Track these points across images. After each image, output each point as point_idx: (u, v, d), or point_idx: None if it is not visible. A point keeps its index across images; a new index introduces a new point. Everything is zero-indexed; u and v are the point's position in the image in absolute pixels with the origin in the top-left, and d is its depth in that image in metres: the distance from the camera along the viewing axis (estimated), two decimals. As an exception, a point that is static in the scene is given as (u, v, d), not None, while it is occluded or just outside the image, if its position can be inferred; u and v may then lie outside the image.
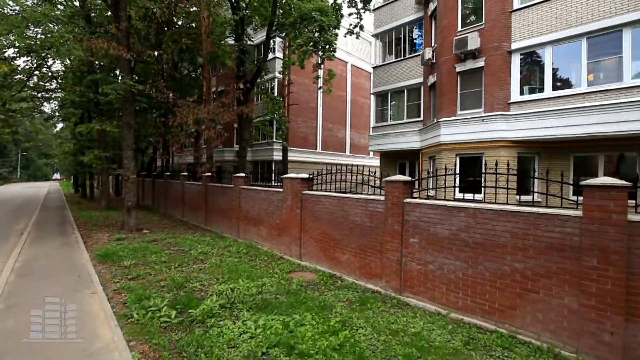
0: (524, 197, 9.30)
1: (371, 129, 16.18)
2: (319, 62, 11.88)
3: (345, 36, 12.74)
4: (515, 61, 10.47)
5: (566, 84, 9.70)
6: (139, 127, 16.12)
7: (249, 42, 16.18)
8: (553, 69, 9.89)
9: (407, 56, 15.03)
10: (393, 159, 15.70)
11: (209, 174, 12.56)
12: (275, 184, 10.05)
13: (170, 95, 13.74)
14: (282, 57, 18.82)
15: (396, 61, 15.41)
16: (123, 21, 10.24)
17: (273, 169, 20.92)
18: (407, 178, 5.53)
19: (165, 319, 4.38)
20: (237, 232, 10.14)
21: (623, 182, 3.58)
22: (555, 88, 9.76)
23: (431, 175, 7.65)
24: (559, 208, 4.27)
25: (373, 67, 16.44)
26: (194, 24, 14.73)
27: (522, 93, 10.31)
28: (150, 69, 16.30)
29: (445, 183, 6.38)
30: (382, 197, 5.80)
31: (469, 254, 4.69)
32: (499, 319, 4.43)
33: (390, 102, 15.47)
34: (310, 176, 7.90)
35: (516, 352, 3.82)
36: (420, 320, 4.52)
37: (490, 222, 4.49)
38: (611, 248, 3.56)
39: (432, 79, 12.77)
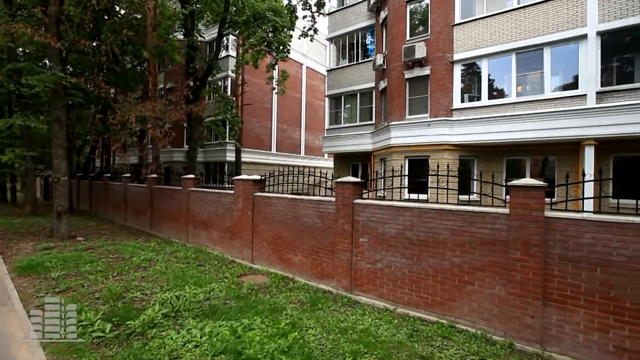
0: (465, 197, 10.11)
1: (325, 131, 16.42)
2: (273, 62, 11.76)
3: (299, 38, 12.80)
4: (457, 71, 11.32)
5: (499, 93, 10.71)
6: (73, 123, 14.61)
7: (200, 39, 15.51)
8: (489, 80, 10.87)
9: (360, 61, 15.51)
10: (346, 161, 16.08)
11: (155, 175, 11.79)
12: (228, 186, 9.75)
13: (111, 90, 12.66)
14: (235, 56, 18.35)
15: (349, 65, 15.82)
16: (52, 5, 9.21)
17: (226, 170, 20.26)
18: (356, 179, 5.68)
19: (99, 333, 4.00)
20: (186, 237, 9.64)
21: (541, 182, 4.03)
22: (490, 97, 10.73)
23: (379, 176, 7.96)
24: (491, 207, 4.69)
25: (327, 70, 16.71)
26: (138, 15, 13.75)
27: (462, 100, 11.18)
28: (86, 60, 14.87)
29: (392, 184, 6.68)
30: (333, 199, 5.90)
31: (414, 251, 4.95)
32: (440, 311, 4.73)
33: (344, 105, 15.84)
34: (263, 177, 7.78)
35: (454, 340, 4.11)
36: (369, 317, 4.66)
37: (432, 220, 4.79)
38: (531, 241, 3.99)
39: (383, 84, 13.32)
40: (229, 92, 20.45)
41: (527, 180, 4.09)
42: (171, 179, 11.47)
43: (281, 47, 11.52)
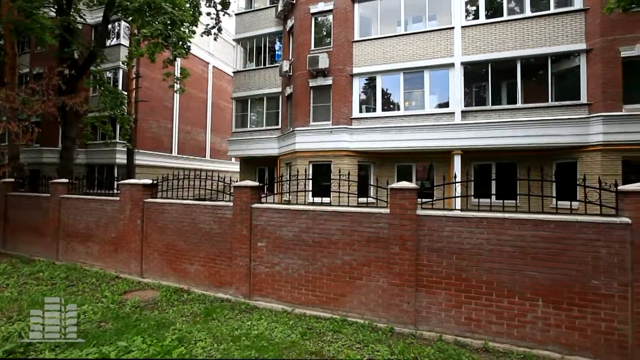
0: (365, 199, 11.02)
1: (231, 134, 15.90)
2: (171, 58, 10.81)
3: (202, 35, 12.11)
4: (356, 83, 12.33)
5: (391, 106, 12.06)
6: None
7: (80, 20, 13.29)
8: (383, 94, 12.14)
9: (268, 65, 15.55)
10: (253, 165, 15.85)
11: (12, 179, 9.55)
12: (118, 192, 8.53)
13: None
14: (128, 46, 16.30)
15: (257, 69, 15.70)
16: None
17: (115, 174, 17.73)
18: (254, 183, 5.64)
19: None
20: (56, 253, 8.05)
21: (413, 185, 4.66)
22: (384, 109, 12.00)
23: (280, 180, 8.08)
24: (378, 207, 5.21)
25: (234, 72, 16.26)
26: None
27: (361, 111, 12.21)
28: None
29: (297, 188, 6.82)
30: (231, 203, 5.73)
31: (310, 252, 5.15)
32: (333, 307, 5.01)
33: (251, 108, 15.62)
34: (155, 182, 7.06)
35: (344, 332, 4.40)
36: (265, 321, 4.64)
37: (326, 222, 5.07)
38: (406, 237, 4.57)
39: (289, 90, 13.60)
40: (120, 86, 18.04)
41: (403, 184, 4.69)
42: (39, 184, 9.46)
43: (180, 43, 10.67)
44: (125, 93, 15.83)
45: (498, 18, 10.92)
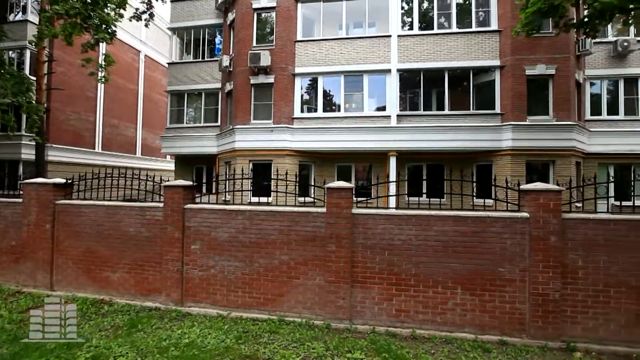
0: (306, 199, 11.09)
1: (165, 129, 14.79)
2: (92, 42, 9.59)
3: (131, 20, 11.00)
4: (298, 83, 12.35)
5: (332, 107, 12.33)
6: None
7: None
8: (324, 95, 12.34)
9: (207, 59, 14.79)
10: (190, 164, 14.95)
11: None
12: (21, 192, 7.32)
13: None
14: (38, 24, 14.15)
15: (195, 62, 14.84)
16: None
17: (21, 172, 15.28)
18: (187, 183, 5.32)
19: None
20: None
21: (349, 184, 4.82)
22: (325, 110, 12.21)
23: (217, 179, 7.73)
24: (315, 207, 5.27)
25: (169, 63, 15.15)
26: None
27: (302, 111, 12.27)
28: None
29: (234, 187, 6.58)
30: (161, 204, 5.32)
31: (247, 253, 5.02)
32: (271, 308, 4.95)
33: (188, 103, 14.71)
34: (70, 181, 6.24)
35: (281, 333, 4.37)
36: (198, 327, 4.40)
37: (263, 222, 4.98)
38: (342, 235, 4.71)
39: (229, 86, 13.11)
40: (27, 70, 15.59)
41: (339, 183, 4.81)
42: None
43: (104, 26, 9.53)
44: (34, 78, 13.71)
45: (430, 31, 11.83)
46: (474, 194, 5.52)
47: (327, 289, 4.75)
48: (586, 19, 7.01)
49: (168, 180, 5.68)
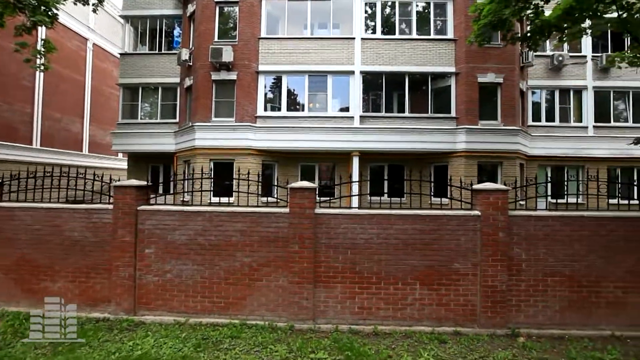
0: (269, 199, 10.90)
1: (117, 125, 13.78)
2: (28, 25, 8.59)
3: (75, 4, 10.03)
4: (262, 81, 12.13)
5: (296, 107, 12.26)
6: None
7: None
8: (288, 94, 12.24)
9: (164, 52, 14.00)
10: (145, 162, 14.06)
11: None
12: None
13: None
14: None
15: (151, 54, 13.98)
16: None
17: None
18: (140, 183, 4.99)
19: None
20: None
21: (312, 184, 4.81)
22: (289, 109, 12.11)
23: (175, 179, 7.31)
24: (278, 207, 5.20)
25: (122, 54, 14.14)
26: None
27: (266, 109, 12.08)
28: None
29: (192, 187, 6.29)
30: (111, 206, 4.94)
31: (206, 257, 4.82)
32: (233, 312, 4.80)
33: (143, 97, 13.82)
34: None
35: (243, 337, 4.26)
36: (152, 337, 4.15)
37: (224, 224, 4.82)
38: (305, 235, 4.69)
39: (188, 82, 12.53)
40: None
41: (302, 183, 4.80)
42: None
43: (43, 8, 8.58)
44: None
45: (392, 35, 12.22)
46: (432, 194, 5.79)
47: (291, 290, 4.72)
48: (529, 34, 7.66)
49: (119, 180, 5.29)
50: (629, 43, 11.30)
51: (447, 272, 4.67)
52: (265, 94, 12.21)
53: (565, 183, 12.66)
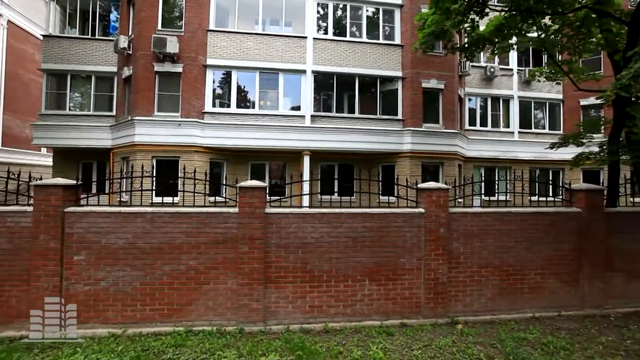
0: (218, 199, 10.46)
1: (39, 116, 12.16)
2: None
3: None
4: (210, 76, 11.59)
5: (247, 104, 11.93)
6: None
7: None
8: (238, 90, 11.86)
9: (99, 37, 12.69)
10: (75, 159, 12.61)
11: None
12: None
13: None
14: None
15: (82, 38, 12.56)
16: None
17: None
18: (68, 181, 4.45)
19: None
20: None
21: (262, 184, 4.71)
22: (239, 106, 11.74)
23: (111, 177, 6.65)
24: (227, 207, 5.00)
25: (45, 36, 12.49)
26: None
27: (214, 105, 11.57)
28: None
29: (131, 186, 5.80)
30: (31, 208, 4.33)
31: (148, 261, 4.47)
32: (177, 319, 4.51)
33: (73, 86, 12.38)
34: None
35: (188, 345, 4.02)
36: (82, 354, 3.72)
37: (167, 225, 4.50)
38: (256, 235, 4.58)
39: (127, 72, 11.51)
40: None
41: (252, 182, 4.67)
42: None
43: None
44: None
45: (343, 37, 12.46)
46: (380, 192, 6.00)
47: (241, 292, 4.57)
48: (466, 45, 8.34)
49: (41, 178, 4.66)
50: (546, 60, 12.88)
51: (394, 267, 4.89)
52: (214, 90, 11.70)
53: (496, 182, 14.06)
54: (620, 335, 4.57)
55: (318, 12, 12.56)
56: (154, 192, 8.72)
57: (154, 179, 8.23)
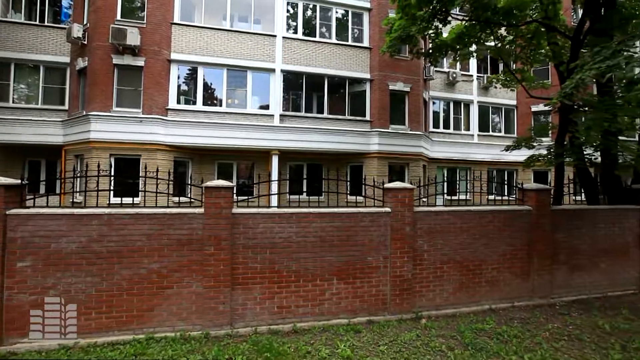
0: (182, 199, 10.05)
1: (-22, 109, 11.01)
2: None
3: None
4: (174, 71, 11.13)
5: (213, 101, 11.60)
6: None
7: None
8: (204, 87, 11.50)
9: (49, 24, 11.72)
10: (20, 156, 11.54)
11: None
12: None
13: None
14: None
15: (30, 24, 11.53)
16: None
17: None
18: (10, 181, 4.07)
19: None
20: None
21: (229, 183, 4.60)
22: (205, 103, 11.38)
23: (63, 177, 6.23)
24: (192, 207, 4.82)
25: (-16, 20, 11.32)
26: None
27: (179, 102, 11.12)
28: None
29: (85, 186, 5.39)
30: (-35, 210, 3.91)
31: (104, 266, 4.19)
32: (137, 326, 4.28)
33: (17, 77, 11.32)
34: None
35: (149, 353, 3.83)
36: (27, 368, 3.42)
37: (126, 227, 4.26)
38: (222, 236, 4.46)
39: (82, 63, 10.73)
40: None
41: (218, 182, 4.55)
42: None
43: None
44: None
45: (312, 38, 12.49)
46: (348, 192, 6.08)
47: (206, 295, 4.42)
48: (430, 50, 8.71)
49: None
50: (502, 68, 13.78)
51: (362, 265, 4.98)
52: (179, 86, 11.25)
53: (457, 182, 14.80)
54: (564, 322, 5.00)
55: (288, 10, 12.49)
56: (112, 192, 8.24)
57: (113, 178, 7.76)
